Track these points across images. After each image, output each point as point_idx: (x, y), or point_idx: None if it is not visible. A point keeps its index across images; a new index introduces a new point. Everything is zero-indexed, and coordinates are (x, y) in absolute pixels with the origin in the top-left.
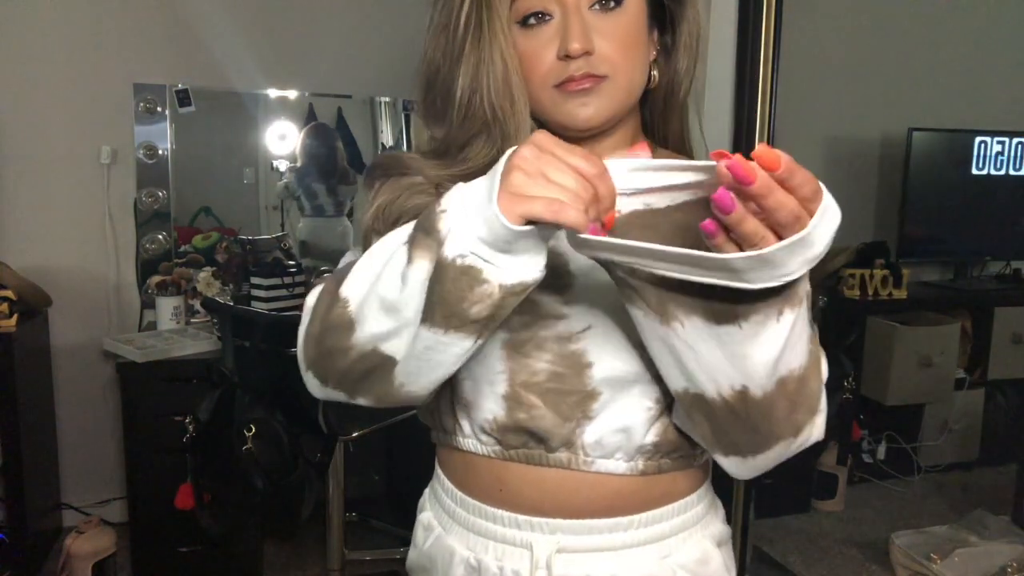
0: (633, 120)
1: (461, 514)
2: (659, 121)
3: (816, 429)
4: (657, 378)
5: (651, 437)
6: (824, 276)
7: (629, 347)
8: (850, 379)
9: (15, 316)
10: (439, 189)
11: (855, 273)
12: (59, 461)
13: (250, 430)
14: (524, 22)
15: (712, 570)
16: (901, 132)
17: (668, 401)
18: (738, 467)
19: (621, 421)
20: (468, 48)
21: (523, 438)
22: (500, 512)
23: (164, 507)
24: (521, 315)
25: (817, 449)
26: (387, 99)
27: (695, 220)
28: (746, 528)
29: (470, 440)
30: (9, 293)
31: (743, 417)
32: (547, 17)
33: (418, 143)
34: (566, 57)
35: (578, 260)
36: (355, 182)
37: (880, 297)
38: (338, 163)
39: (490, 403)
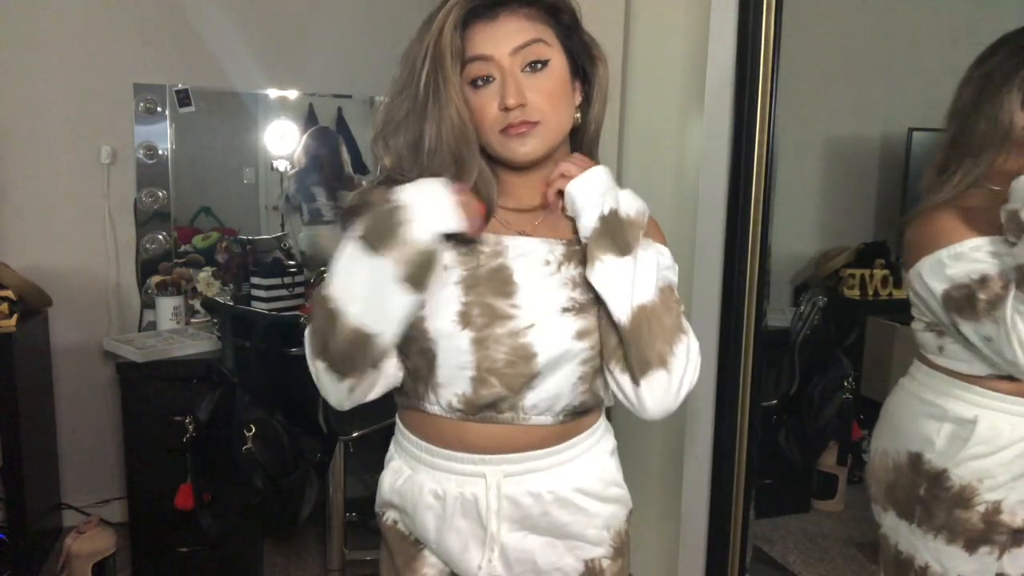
0: (564, 151)
1: (427, 458)
2: (582, 151)
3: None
4: (582, 361)
5: (573, 402)
6: (824, 276)
7: (563, 338)
8: (850, 379)
9: (15, 316)
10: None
11: (855, 273)
12: (59, 461)
13: (250, 430)
14: (474, 83)
15: (610, 473)
16: (901, 132)
17: (585, 376)
18: (644, 397)
19: (552, 391)
20: (431, 106)
21: (481, 407)
22: (459, 454)
23: (164, 507)
24: (482, 316)
25: (817, 449)
26: (387, 99)
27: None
28: (746, 528)
29: (437, 407)
30: (9, 293)
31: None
32: (491, 79)
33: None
34: (505, 109)
35: (520, 272)
36: (359, 187)
37: (880, 297)
38: (343, 169)
39: (461, 384)
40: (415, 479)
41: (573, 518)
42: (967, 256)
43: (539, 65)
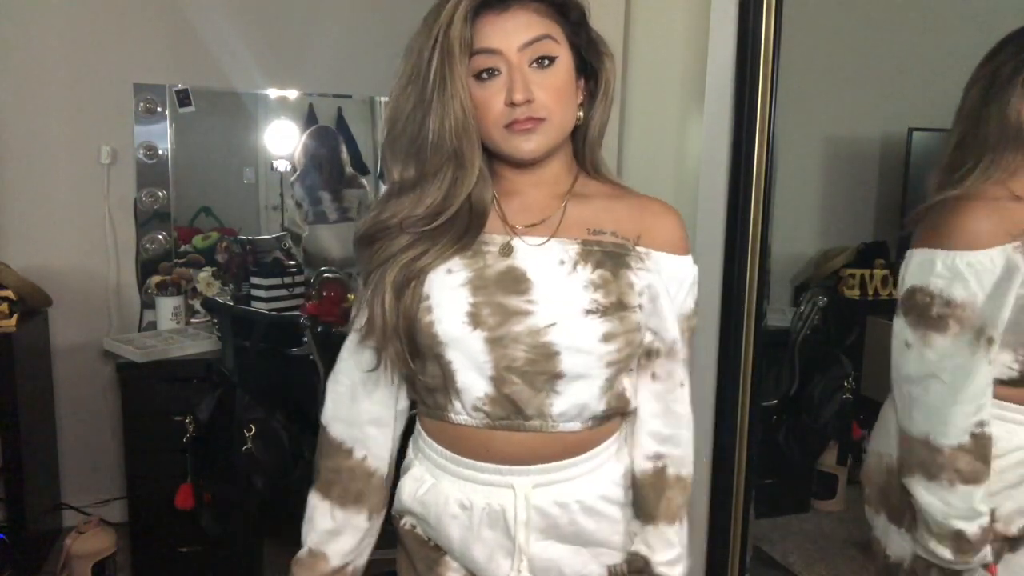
0: (566, 149)
1: (452, 467)
2: (584, 150)
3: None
4: (608, 364)
5: (601, 406)
6: (824, 276)
7: (588, 341)
8: (850, 379)
9: (15, 316)
10: (401, 224)
11: (855, 273)
12: (59, 461)
13: (250, 430)
14: (478, 76)
15: (630, 480)
16: (901, 132)
17: (613, 379)
18: None
19: (581, 396)
20: (436, 99)
21: (507, 410)
22: (486, 464)
23: (164, 507)
24: (494, 316)
25: (817, 449)
26: (387, 99)
27: None
28: (746, 528)
29: (461, 416)
30: (9, 293)
31: None
32: (496, 72)
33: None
34: (512, 104)
35: (534, 270)
36: (363, 186)
37: (880, 297)
38: (344, 168)
39: (481, 385)
40: (439, 488)
41: (598, 526)
42: (955, 269)
43: (547, 62)
